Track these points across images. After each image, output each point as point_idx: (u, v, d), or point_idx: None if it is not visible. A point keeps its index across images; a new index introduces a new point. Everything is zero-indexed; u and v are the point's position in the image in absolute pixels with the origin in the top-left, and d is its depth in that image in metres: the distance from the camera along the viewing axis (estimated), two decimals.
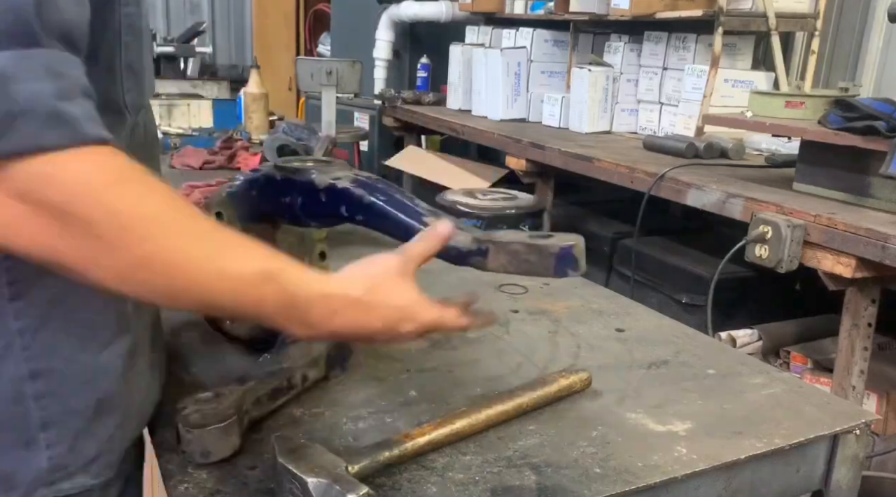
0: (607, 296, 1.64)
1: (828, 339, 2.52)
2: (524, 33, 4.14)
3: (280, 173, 1.11)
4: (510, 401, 1.05)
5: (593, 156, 3.00)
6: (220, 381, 1.07)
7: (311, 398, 1.11)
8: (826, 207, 2.13)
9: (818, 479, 1.12)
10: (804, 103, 2.42)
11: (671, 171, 2.63)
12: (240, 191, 1.18)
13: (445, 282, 1.62)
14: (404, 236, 0.98)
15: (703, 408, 1.13)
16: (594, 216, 3.57)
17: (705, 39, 3.35)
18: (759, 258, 2.15)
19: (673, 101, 3.51)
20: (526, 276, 0.99)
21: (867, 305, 2.11)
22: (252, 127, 3.58)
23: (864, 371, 2.15)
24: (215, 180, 2.44)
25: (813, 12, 3.32)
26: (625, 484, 0.92)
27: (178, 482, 0.90)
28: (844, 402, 1.40)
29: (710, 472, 0.99)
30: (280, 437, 0.88)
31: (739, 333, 2.57)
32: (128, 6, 0.81)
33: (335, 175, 1.07)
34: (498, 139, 3.67)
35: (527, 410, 1.07)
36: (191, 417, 0.93)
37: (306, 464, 0.82)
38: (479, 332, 1.38)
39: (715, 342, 1.51)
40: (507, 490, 0.90)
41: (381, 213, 1.02)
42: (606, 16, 3.63)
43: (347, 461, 0.85)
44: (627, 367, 1.27)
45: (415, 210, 1.02)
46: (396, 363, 1.24)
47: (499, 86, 4.05)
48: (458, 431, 0.98)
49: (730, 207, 2.34)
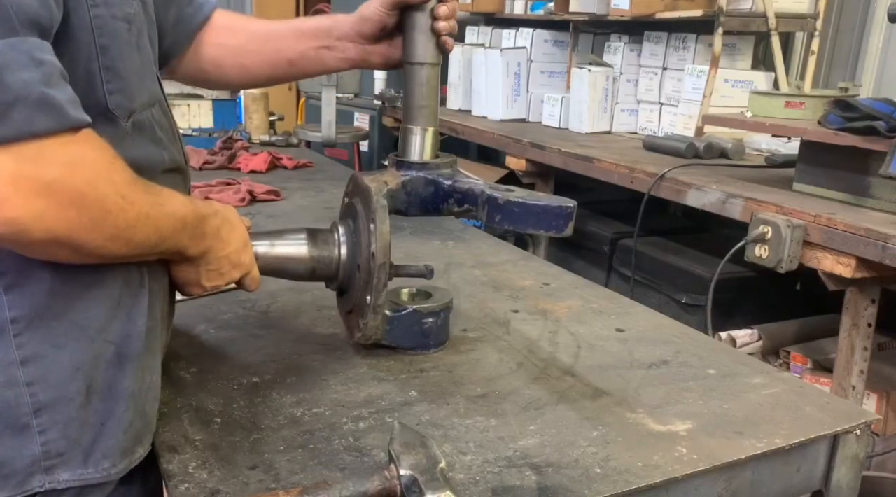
0: (607, 296, 1.64)
1: (828, 339, 2.52)
2: (524, 33, 4.14)
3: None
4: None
5: (593, 156, 3.00)
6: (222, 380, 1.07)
7: (311, 398, 1.12)
8: (826, 207, 2.14)
9: (818, 479, 1.12)
10: (804, 103, 2.42)
11: (671, 171, 2.63)
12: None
13: (446, 281, 1.62)
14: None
15: (703, 408, 1.13)
16: (594, 216, 3.57)
17: (705, 39, 3.35)
18: (759, 258, 2.15)
19: (673, 102, 3.51)
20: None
21: (867, 305, 2.11)
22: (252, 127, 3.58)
23: (864, 371, 2.15)
24: (215, 180, 2.44)
25: (813, 12, 3.32)
26: (625, 484, 0.92)
27: (178, 482, 0.90)
28: (844, 402, 1.40)
29: (711, 472, 0.99)
30: (402, 426, 0.93)
31: (739, 333, 2.57)
32: (96, 7, 0.82)
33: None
34: (498, 139, 3.67)
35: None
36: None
37: (408, 456, 0.86)
38: (480, 331, 1.38)
39: (715, 342, 1.51)
40: (507, 490, 0.90)
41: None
42: (606, 16, 3.63)
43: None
44: (627, 367, 1.27)
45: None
46: (396, 363, 1.24)
47: (499, 86, 4.05)
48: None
49: (730, 207, 2.35)
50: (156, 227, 0.87)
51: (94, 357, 0.86)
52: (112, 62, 0.85)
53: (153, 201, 0.86)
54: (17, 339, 0.81)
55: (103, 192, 0.78)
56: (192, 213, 0.96)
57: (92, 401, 0.86)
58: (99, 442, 0.87)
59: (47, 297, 0.83)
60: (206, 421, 1.05)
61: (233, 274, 1.08)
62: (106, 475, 0.88)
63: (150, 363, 0.95)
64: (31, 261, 0.80)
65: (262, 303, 1.48)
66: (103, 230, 0.79)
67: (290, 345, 1.30)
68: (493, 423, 1.06)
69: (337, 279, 1.22)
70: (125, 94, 0.88)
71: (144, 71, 0.94)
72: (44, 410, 0.83)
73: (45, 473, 0.84)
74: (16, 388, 0.81)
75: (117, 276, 0.89)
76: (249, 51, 1.30)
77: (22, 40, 0.70)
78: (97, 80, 0.84)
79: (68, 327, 0.84)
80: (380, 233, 1.13)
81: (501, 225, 1.13)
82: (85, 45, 0.82)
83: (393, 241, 1.15)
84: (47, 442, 0.83)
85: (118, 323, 0.89)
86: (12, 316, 0.81)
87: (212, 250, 1.02)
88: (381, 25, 1.24)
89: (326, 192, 2.49)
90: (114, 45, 0.85)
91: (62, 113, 0.72)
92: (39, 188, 0.72)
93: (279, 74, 1.33)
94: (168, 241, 0.91)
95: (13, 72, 0.68)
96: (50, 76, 0.72)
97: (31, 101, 0.70)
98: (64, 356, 0.84)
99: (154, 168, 0.95)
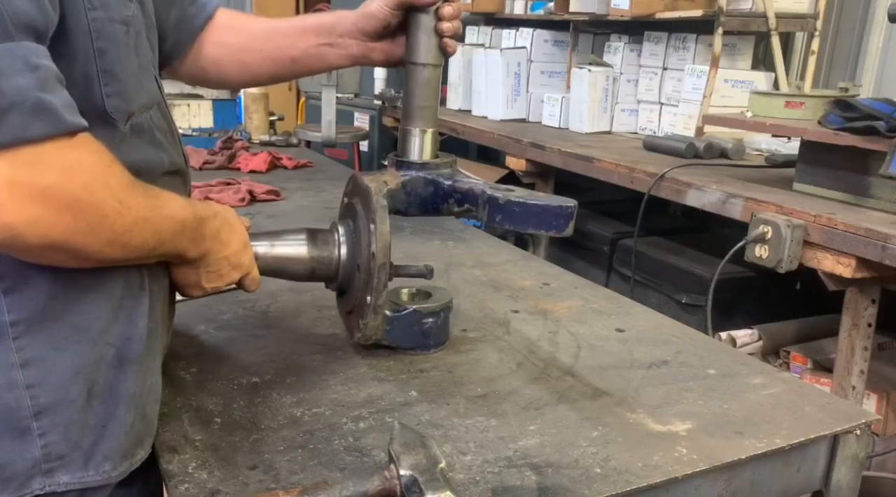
0: (607, 296, 1.64)
1: (828, 339, 2.52)
2: (524, 33, 4.14)
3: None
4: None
5: (593, 156, 3.00)
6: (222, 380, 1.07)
7: (311, 398, 1.12)
8: (826, 207, 2.14)
9: (818, 479, 1.12)
10: (804, 103, 2.42)
11: (671, 171, 2.63)
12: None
13: (446, 281, 1.62)
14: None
15: (703, 408, 1.13)
16: (594, 216, 3.57)
17: (705, 39, 3.35)
18: (759, 258, 2.15)
19: (673, 102, 3.51)
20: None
21: (867, 305, 2.11)
22: (252, 127, 3.58)
23: (864, 371, 2.15)
24: (215, 180, 2.44)
25: (813, 12, 3.32)
26: (625, 484, 0.92)
27: (178, 482, 0.90)
28: (844, 402, 1.40)
29: (711, 472, 0.99)
30: (402, 426, 0.93)
31: (739, 333, 2.57)
32: (94, 10, 0.82)
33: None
34: (498, 139, 3.67)
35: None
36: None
37: (408, 456, 0.86)
38: (480, 331, 1.38)
39: (715, 342, 1.51)
40: (507, 490, 0.90)
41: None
42: (606, 16, 3.63)
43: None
44: (627, 367, 1.27)
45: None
46: (396, 363, 1.24)
47: (499, 86, 4.05)
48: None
49: (730, 207, 2.35)
50: (154, 231, 0.87)
51: (94, 359, 0.86)
52: (110, 65, 0.85)
53: (151, 205, 0.86)
54: (17, 342, 0.81)
55: (100, 196, 0.77)
56: (192, 215, 0.95)
57: (93, 403, 0.86)
58: (100, 444, 0.87)
59: (47, 300, 0.83)
60: (206, 421, 1.05)
61: (233, 275, 1.08)
62: (106, 477, 0.88)
63: (150, 365, 0.95)
64: (30, 264, 0.80)
65: (262, 303, 1.48)
66: (100, 235, 0.79)
67: (290, 345, 1.30)
68: (493, 423, 1.06)
69: (337, 279, 1.22)
70: (123, 97, 0.88)
71: (142, 73, 0.94)
72: (44, 413, 0.83)
73: (46, 476, 0.84)
74: (16, 391, 0.81)
75: (118, 278, 0.89)
76: (251, 49, 1.30)
77: (17, 45, 0.69)
78: (95, 83, 0.84)
79: (69, 330, 0.84)
80: (380, 233, 1.13)
81: (502, 225, 1.13)
82: (82, 48, 0.81)
83: (393, 241, 1.15)
84: (48, 444, 0.83)
85: (119, 325, 0.89)
86: (12, 319, 0.81)
87: (211, 252, 1.02)
88: (385, 24, 1.23)
89: (326, 192, 2.49)
90: (111, 48, 0.85)
91: (58, 118, 0.72)
92: (35, 194, 0.71)
93: (282, 72, 1.32)
94: (167, 244, 0.91)
95: (8, 77, 0.68)
96: (46, 81, 0.71)
97: (27, 106, 0.69)
98: (64, 359, 0.84)
99: (153, 170, 0.95)
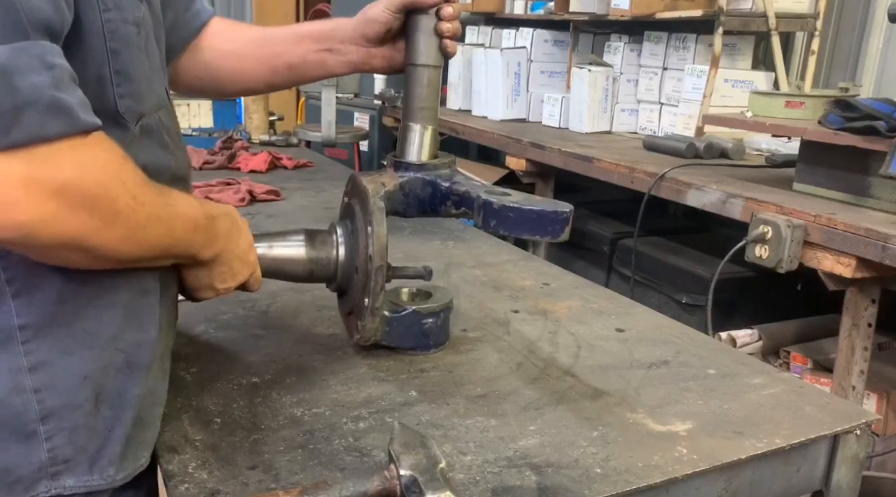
0: (607, 296, 1.64)
1: (828, 339, 2.53)
2: (524, 33, 4.14)
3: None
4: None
5: (593, 156, 3.00)
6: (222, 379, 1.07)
7: (311, 398, 1.12)
8: (826, 207, 2.14)
9: (818, 480, 1.12)
10: (804, 103, 2.42)
11: (671, 171, 2.63)
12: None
13: (446, 281, 1.62)
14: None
15: (703, 408, 1.13)
16: (594, 216, 3.57)
17: (705, 39, 3.35)
18: (759, 258, 2.15)
19: (673, 101, 3.51)
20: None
21: (867, 305, 2.11)
22: (252, 127, 3.58)
23: (864, 371, 2.15)
24: (215, 180, 2.44)
25: (813, 12, 3.32)
26: (625, 484, 0.92)
27: (178, 482, 0.90)
28: (844, 402, 1.40)
29: (711, 472, 0.99)
30: (402, 426, 0.92)
31: (739, 333, 2.58)
32: (108, 11, 0.82)
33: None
34: (498, 139, 3.67)
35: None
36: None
37: (408, 456, 0.86)
38: (480, 331, 1.38)
39: (715, 342, 1.50)
40: (507, 490, 0.90)
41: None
42: (606, 16, 3.63)
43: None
44: (627, 367, 1.27)
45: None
46: (397, 363, 1.24)
47: (499, 86, 4.05)
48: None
49: (730, 207, 2.35)
50: (168, 228, 0.87)
51: (103, 365, 0.86)
52: (122, 66, 0.85)
53: (164, 202, 0.86)
54: (26, 346, 0.81)
55: (115, 193, 0.77)
56: (203, 214, 0.96)
57: (100, 408, 0.86)
58: (105, 449, 0.87)
59: (57, 305, 0.82)
60: (205, 421, 1.04)
61: (244, 273, 1.08)
62: (111, 482, 0.88)
63: (157, 370, 0.95)
64: (40, 268, 0.80)
65: (262, 303, 1.48)
66: (115, 231, 0.79)
67: (290, 345, 1.30)
68: (493, 423, 1.06)
69: (336, 281, 1.22)
70: (134, 98, 0.88)
71: (153, 74, 0.94)
72: (51, 417, 0.82)
73: (51, 479, 0.84)
74: (23, 395, 0.81)
75: (128, 284, 0.89)
76: (246, 55, 1.29)
77: (33, 44, 0.69)
78: (108, 83, 0.84)
79: (78, 335, 0.84)
80: (376, 235, 1.12)
81: (497, 230, 1.12)
82: (96, 49, 0.81)
83: (393, 241, 1.15)
84: (54, 448, 0.83)
85: (130, 332, 0.89)
86: (21, 323, 0.81)
87: (225, 251, 1.02)
88: (387, 28, 1.23)
89: (326, 192, 2.49)
90: (124, 49, 0.85)
91: (73, 116, 0.72)
92: (51, 191, 0.71)
93: (279, 79, 1.31)
94: (181, 242, 0.92)
95: (24, 75, 0.68)
96: (60, 80, 0.71)
97: (42, 104, 0.69)
98: (72, 364, 0.83)
99: (161, 173, 0.94)
